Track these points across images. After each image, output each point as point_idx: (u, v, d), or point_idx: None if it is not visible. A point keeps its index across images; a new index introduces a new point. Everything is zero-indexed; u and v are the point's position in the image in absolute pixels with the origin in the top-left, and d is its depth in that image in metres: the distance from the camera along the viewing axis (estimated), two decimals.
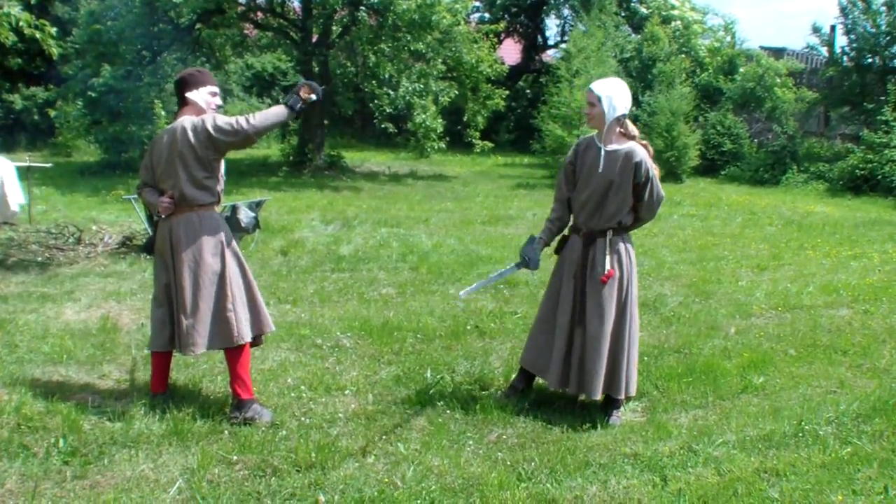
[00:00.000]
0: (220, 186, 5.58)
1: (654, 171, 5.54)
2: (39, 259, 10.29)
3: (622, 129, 5.55)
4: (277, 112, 5.36)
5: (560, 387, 5.71)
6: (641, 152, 5.48)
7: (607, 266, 5.52)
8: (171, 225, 5.46)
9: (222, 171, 5.59)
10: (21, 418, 5.31)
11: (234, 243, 5.63)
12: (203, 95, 5.47)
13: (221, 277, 5.44)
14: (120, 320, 7.70)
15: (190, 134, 5.30)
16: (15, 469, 4.66)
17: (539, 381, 6.05)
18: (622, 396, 5.70)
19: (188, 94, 5.46)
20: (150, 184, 5.62)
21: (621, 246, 5.62)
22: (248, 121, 5.26)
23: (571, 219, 5.82)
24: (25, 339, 7.03)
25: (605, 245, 5.57)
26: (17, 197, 11.36)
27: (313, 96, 5.41)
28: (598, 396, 5.66)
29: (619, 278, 5.59)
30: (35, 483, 4.51)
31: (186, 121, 5.37)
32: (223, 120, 5.31)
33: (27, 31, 8.62)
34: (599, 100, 5.42)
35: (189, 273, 5.39)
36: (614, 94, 5.43)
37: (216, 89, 5.58)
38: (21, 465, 4.70)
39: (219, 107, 5.60)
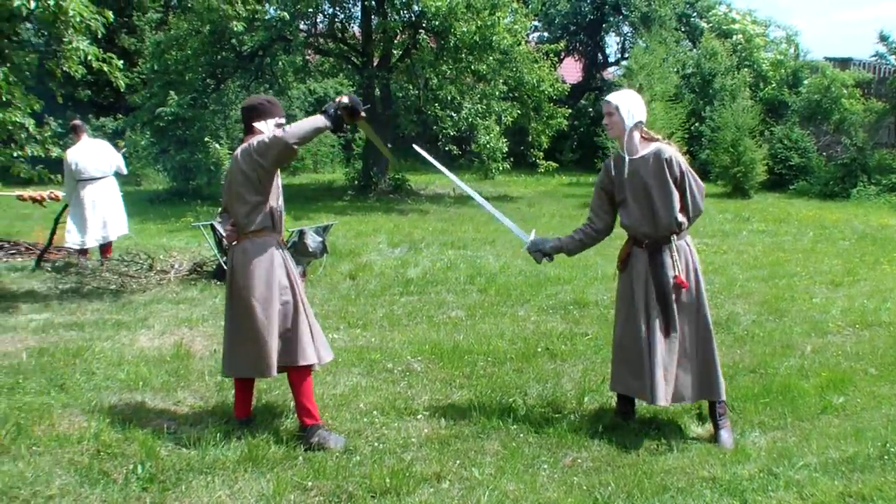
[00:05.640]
0: (277, 213, 5.58)
1: (685, 163, 5.54)
2: (113, 287, 10.45)
3: (644, 135, 5.60)
4: (313, 119, 5.31)
5: (664, 402, 5.58)
6: (669, 149, 5.52)
7: (678, 272, 5.50)
8: (234, 252, 5.58)
9: (280, 199, 5.62)
10: (100, 445, 5.40)
11: (290, 274, 5.61)
12: (270, 127, 5.52)
13: (263, 305, 5.43)
14: (193, 347, 7.78)
15: (240, 158, 5.38)
16: (96, 495, 4.73)
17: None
18: (724, 397, 5.62)
19: (256, 124, 5.53)
20: (227, 209, 5.71)
21: (685, 248, 5.60)
22: (283, 130, 5.26)
23: (629, 233, 5.78)
24: (102, 367, 7.14)
25: (672, 251, 5.54)
26: (119, 225, 11.80)
27: (345, 99, 5.33)
28: (694, 400, 5.66)
29: (691, 280, 5.58)
30: None
31: (241, 148, 5.46)
32: (260, 137, 5.34)
33: (95, 64, 8.78)
34: (617, 108, 5.50)
35: (235, 299, 5.50)
36: (630, 103, 5.53)
37: (283, 121, 5.62)
38: (102, 492, 4.77)
39: None
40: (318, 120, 5.30)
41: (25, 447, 5.37)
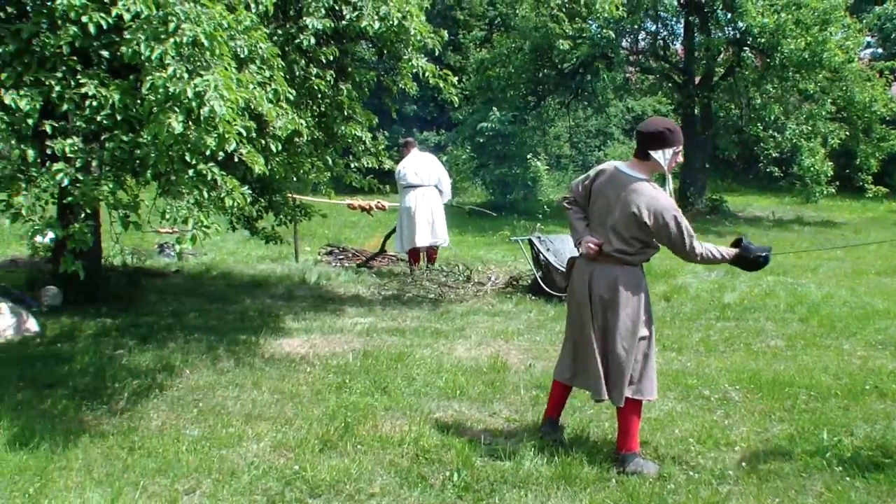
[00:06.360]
0: (654, 250, 5.48)
1: None
2: (432, 295, 10.85)
3: None
4: (724, 257, 5.35)
5: None
6: None
7: None
8: (594, 271, 5.42)
9: None
10: (419, 449, 5.57)
11: (649, 305, 5.51)
12: (668, 156, 5.29)
13: (627, 337, 5.34)
14: (508, 359, 7.91)
15: (645, 211, 5.19)
16: (414, 497, 4.90)
17: None
18: None
19: (653, 153, 5.27)
20: (580, 203, 5.62)
21: None
22: (698, 250, 5.24)
23: None
24: (422, 373, 7.39)
25: None
26: (436, 235, 12.22)
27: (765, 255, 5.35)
28: None
29: None
30: None
31: (647, 191, 5.25)
32: (682, 228, 5.19)
33: (432, 80, 9.15)
34: None
35: (600, 325, 5.40)
36: None
37: (681, 148, 5.38)
38: (419, 495, 4.93)
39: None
40: (726, 259, 5.37)
41: (351, 445, 5.64)
